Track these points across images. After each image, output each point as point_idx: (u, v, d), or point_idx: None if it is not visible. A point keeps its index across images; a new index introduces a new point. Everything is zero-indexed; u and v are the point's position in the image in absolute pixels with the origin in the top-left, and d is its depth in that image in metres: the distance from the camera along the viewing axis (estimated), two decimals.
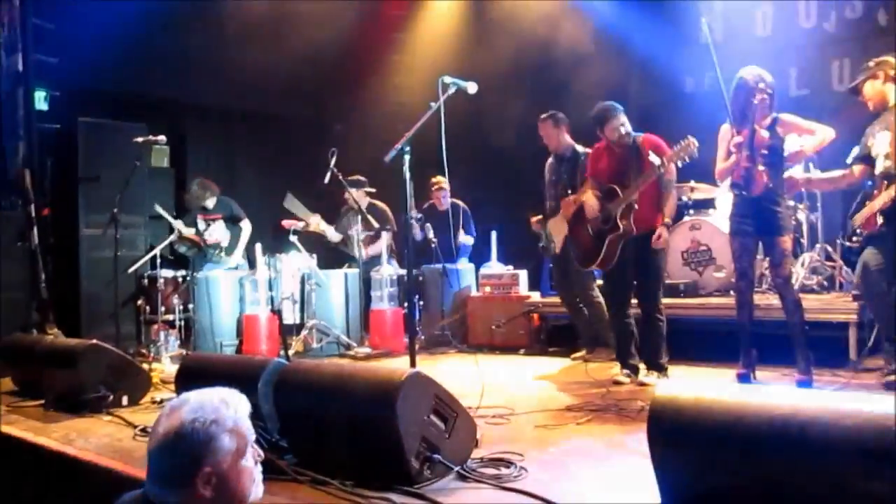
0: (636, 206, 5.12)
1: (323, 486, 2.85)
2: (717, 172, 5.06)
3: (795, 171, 5.24)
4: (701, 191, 7.10)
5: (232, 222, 7.88)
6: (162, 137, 7.02)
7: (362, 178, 7.90)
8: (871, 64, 4.69)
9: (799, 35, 7.70)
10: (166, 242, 7.22)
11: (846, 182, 4.92)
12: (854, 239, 5.06)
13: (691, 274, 6.64)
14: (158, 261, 7.11)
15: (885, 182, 4.45)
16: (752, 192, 4.73)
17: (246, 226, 7.90)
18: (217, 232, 7.79)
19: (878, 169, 4.56)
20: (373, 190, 8.06)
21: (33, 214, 7.09)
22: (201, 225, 7.81)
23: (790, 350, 4.77)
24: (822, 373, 4.87)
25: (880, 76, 4.62)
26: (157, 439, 1.92)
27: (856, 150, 4.78)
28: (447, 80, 4.21)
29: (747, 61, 4.88)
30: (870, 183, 4.73)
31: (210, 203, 7.78)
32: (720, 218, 6.56)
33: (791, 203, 5.66)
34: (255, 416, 3.24)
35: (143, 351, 6.89)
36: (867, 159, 4.67)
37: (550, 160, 6.58)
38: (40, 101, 7.82)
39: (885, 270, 4.52)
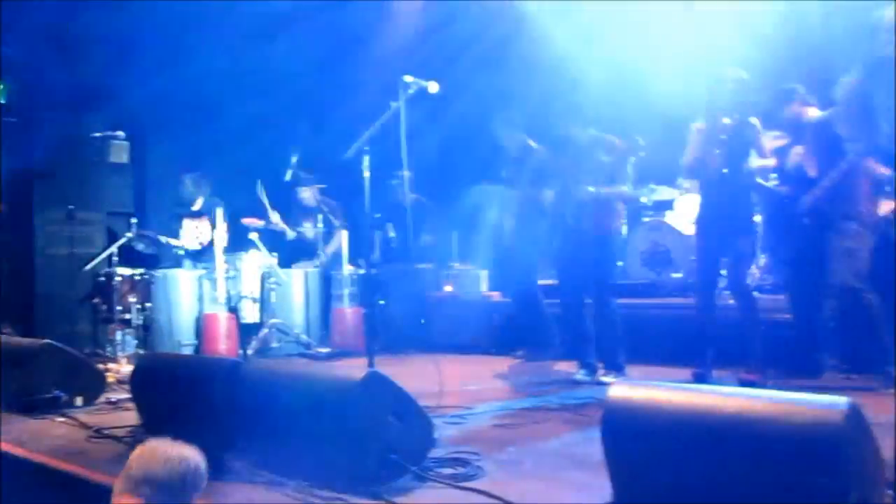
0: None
1: (279, 488, 2.83)
2: (688, 165, 5.08)
3: None
4: (660, 193, 7.19)
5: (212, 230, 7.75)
6: (120, 132, 6.92)
7: (316, 178, 7.83)
8: (787, 88, 5.11)
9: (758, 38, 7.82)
10: (123, 240, 7.10)
11: None
12: None
13: (650, 274, 6.72)
14: (116, 258, 7.00)
15: None
16: (727, 189, 4.80)
17: (221, 227, 7.78)
18: (203, 236, 7.63)
19: None
20: (324, 185, 8.00)
21: None
22: (189, 227, 7.64)
23: (747, 350, 4.85)
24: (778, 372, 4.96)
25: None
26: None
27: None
28: (408, 79, 4.22)
29: (712, 61, 4.99)
30: None
31: (197, 205, 7.62)
32: (679, 219, 6.65)
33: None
34: (213, 416, 3.23)
35: (99, 351, 6.78)
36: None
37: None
38: None
39: None
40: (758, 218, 6.46)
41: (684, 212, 6.68)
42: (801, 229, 5.00)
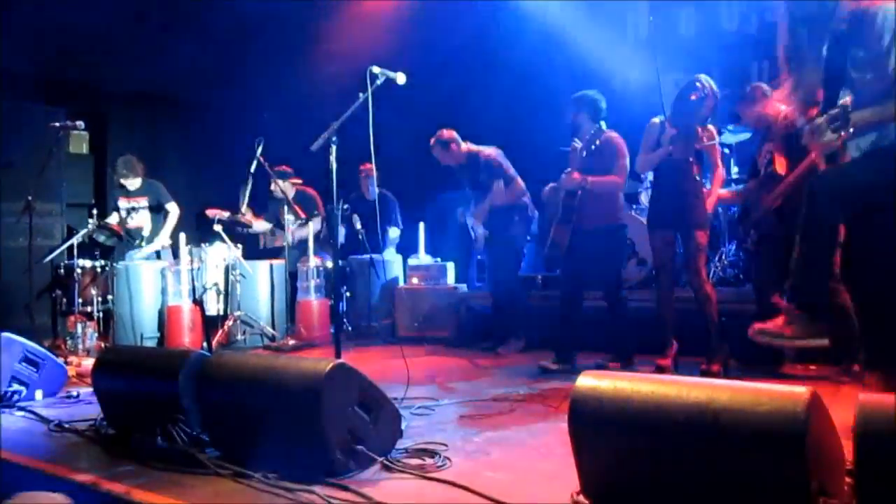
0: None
1: (245, 480, 2.81)
2: (640, 163, 5.23)
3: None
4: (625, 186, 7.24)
5: (157, 209, 7.68)
6: (80, 123, 6.81)
7: (289, 170, 7.82)
8: (748, 89, 5.19)
9: (721, 36, 7.93)
10: (84, 231, 6.98)
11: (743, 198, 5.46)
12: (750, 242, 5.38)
13: None
14: (76, 250, 6.88)
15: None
16: (682, 184, 4.89)
17: (173, 209, 7.71)
18: (139, 217, 7.60)
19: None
20: (299, 180, 7.98)
21: None
22: (123, 205, 7.60)
23: (708, 341, 4.93)
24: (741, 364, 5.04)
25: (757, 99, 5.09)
26: None
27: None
28: (375, 70, 4.20)
29: (674, 60, 5.05)
30: None
31: (133, 185, 7.57)
32: (642, 213, 6.71)
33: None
34: (176, 409, 3.20)
35: (59, 343, 6.67)
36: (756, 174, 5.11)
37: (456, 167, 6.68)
38: None
39: None
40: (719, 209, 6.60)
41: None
42: (768, 225, 5.07)
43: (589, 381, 2.36)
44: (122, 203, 7.63)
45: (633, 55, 7.84)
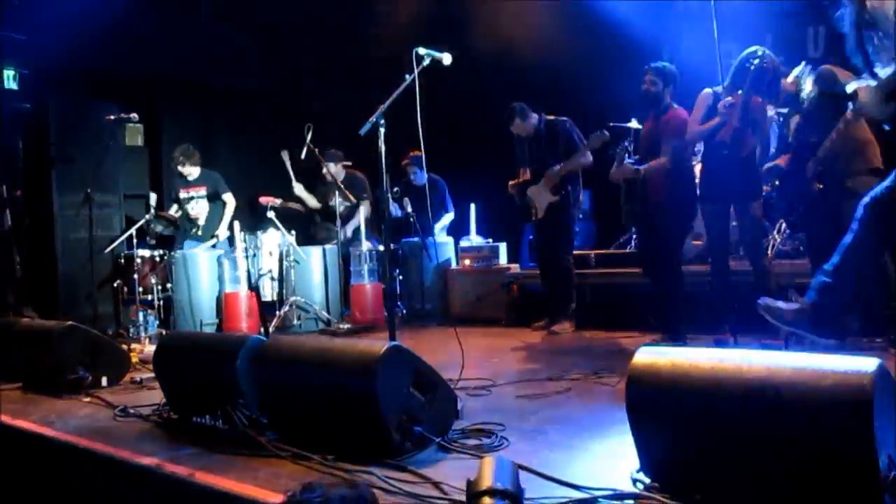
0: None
1: (304, 461, 2.84)
2: (692, 132, 5.11)
3: None
4: None
5: (214, 199, 7.81)
6: (134, 115, 6.94)
7: (338, 152, 7.87)
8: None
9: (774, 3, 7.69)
10: (142, 221, 7.13)
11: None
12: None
13: None
14: (135, 240, 7.03)
15: None
16: (740, 153, 4.78)
17: (230, 200, 7.84)
18: (199, 206, 7.74)
19: None
20: (349, 163, 8.02)
21: (5, 195, 6.99)
22: (182, 195, 7.74)
23: None
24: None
25: None
26: None
27: None
28: (421, 51, 4.18)
29: (725, 28, 4.91)
30: None
31: (192, 174, 7.71)
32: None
33: None
34: (235, 392, 3.25)
35: (122, 332, 6.84)
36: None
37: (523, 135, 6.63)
38: (9, 80, 7.67)
39: None
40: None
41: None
42: (811, 195, 4.95)
43: (646, 358, 2.33)
44: (182, 193, 7.77)
45: (683, 24, 7.66)
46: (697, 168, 6.53)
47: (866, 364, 1.93)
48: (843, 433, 1.88)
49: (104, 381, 4.69)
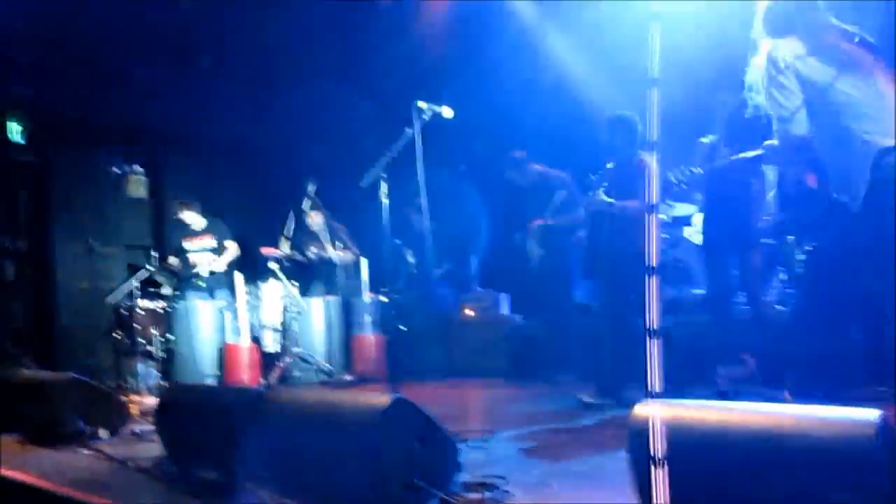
0: None
1: None
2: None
3: None
4: (678, 209, 7.17)
5: (221, 250, 7.79)
6: (138, 167, 7.01)
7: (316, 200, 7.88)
8: None
9: None
10: (143, 272, 7.16)
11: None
12: None
13: (670, 290, 6.69)
14: (136, 290, 7.05)
15: None
16: (734, 205, 4.82)
17: (232, 246, 7.81)
18: (202, 257, 7.72)
19: None
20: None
21: (7, 246, 7.04)
22: (187, 246, 7.73)
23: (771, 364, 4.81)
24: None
25: None
26: None
27: None
28: (422, 104, 4.26)
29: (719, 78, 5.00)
30: None
31: (193, 221, 7.70)
32: (697, 235, 6.63)
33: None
34: (235, 445, 3.24)
35: (122, 383, 6.81)
36: None
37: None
38: (14, 133, 7.78)
39: None
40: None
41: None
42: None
43: (646, 409, 2.32)
44: (187, 244, 7.75)
45: (678, 74, 7.76)
46: (697, 217, 6.60)
47: (869, 414, 1.93)
48: (848, 485, 1.88)
49: (103, 433, 4.67)
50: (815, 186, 4.69)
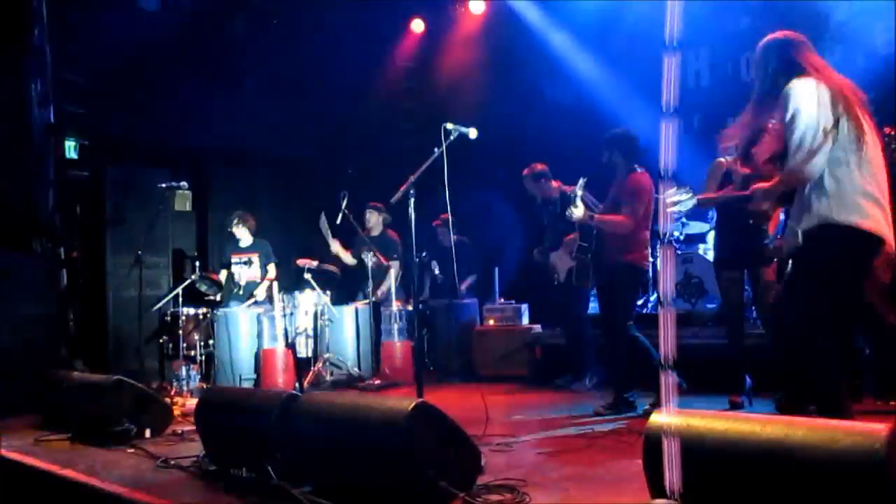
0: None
1: None
2: (702, 201, 4.95)
3: None
4: (692, 227, 7.13)
5: (262, 272, 7.87)
6: (184, 183, 7.11)
7: (380, 205, 7.90)
8: None
9: None
10: (188, 281, 7.23)
11: None
12: None
13: (684, 305, 6.63)
14: (181, 299, 7.12)
15: None
16: (745, 223, 4.73)
17: (272, 270, 7.91)
18: (249, 272, 7.80)
19: None
20: (389, 217, 8.03)
21: (63, 257, 7.14)
22: (234, 259, 7.82)
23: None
24: None
25: None
26: None
27: None
28: (449, 126, 4.27)
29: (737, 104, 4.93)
30: None
31: (243, 237, 7.80)
32: (711, 251, 6.58)
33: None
34: (271, 445, 3.25)
35: (166, 385, 6.87)
36: None
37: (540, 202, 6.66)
38: (70, 150, 7.90)
39: None
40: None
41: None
42: None
43: (661, 419, 2.30)
44: (233, 258, 7.85)
45: (695, 99, 7.72)
46: (711, 235, 6.53)
47: (878, 428, 1.89)
48: (855, 498, 1.84)
49: (148, 432, 4.71)
50: None
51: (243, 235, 7.83)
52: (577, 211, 5.06)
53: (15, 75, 7.32)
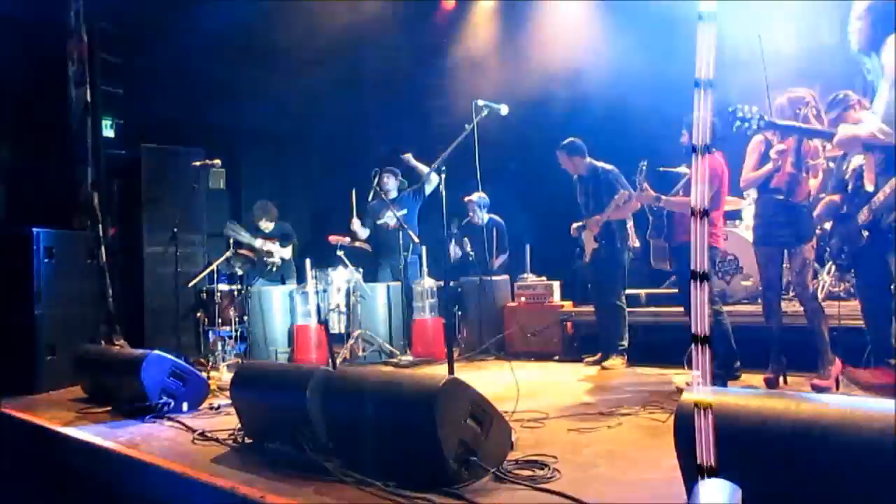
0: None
1: (367, 487, 2.85)
2: (746, 180, 4.97)
3: None
4: (728, 203, 7.00)
5: (284, 243, 7.99)
6: (218, 161, 7.18)
7: (396, 170, 7.89)
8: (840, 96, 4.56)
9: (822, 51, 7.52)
10: (222, 258, 7.32)
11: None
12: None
13: (720, 283, 6.55)
14: (216, 275, 7.21)
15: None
16: (795, 198, 4.66)
17: (288, 250, 8.02)
18: (275, 254, 7.92)
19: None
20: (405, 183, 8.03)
21: (101, 234, 7.25)
22: (258, 244, 7.92)
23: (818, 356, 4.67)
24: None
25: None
26: None
27: None
28: (480, 103, 4.25)
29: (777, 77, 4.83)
30: None
31: (267, 227, 7.92)
32: (746, 229, 6.48)
33: None
34: (304, 420, 3.29)
35: (202, 360, 6.98)
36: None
37: (575, 178, 6.60)
38: (107, 128, 8.00)
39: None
40: (827, 225, 6.27)
41: (751, 222, 6.50)
42: (860, 241, 4.75)
43: (693, 396, 2.27)
44: (258, 242, 7.95)
45: (733, 73, 7.56)
46: (751, 212, 6.40)
47: None
48: (891, 477, 1.81)
49: (185, 406, 4.79)
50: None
51: (267, 226, 7.97)
52: (645, 195, 5.16)
53: (53, 56, 7.41)
